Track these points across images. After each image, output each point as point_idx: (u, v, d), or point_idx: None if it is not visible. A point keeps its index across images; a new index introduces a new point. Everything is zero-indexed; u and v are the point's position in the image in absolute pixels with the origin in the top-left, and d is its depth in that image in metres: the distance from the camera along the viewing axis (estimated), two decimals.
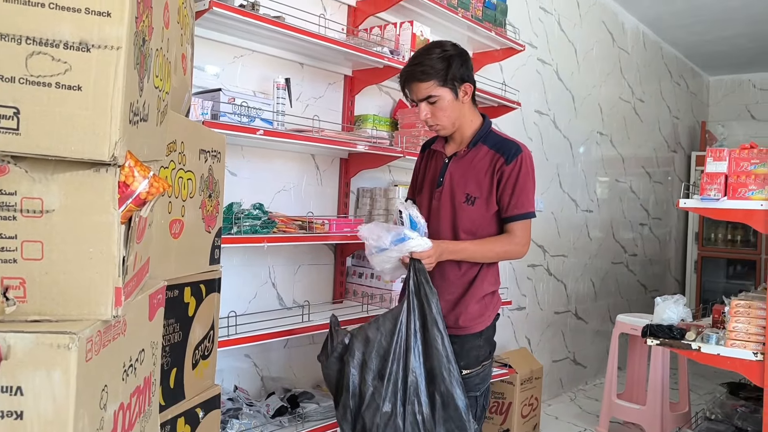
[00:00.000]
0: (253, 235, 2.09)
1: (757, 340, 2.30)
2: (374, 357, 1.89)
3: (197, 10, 1.91)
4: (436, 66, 1.97)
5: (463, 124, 2.08)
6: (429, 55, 1.99)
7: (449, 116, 2.03)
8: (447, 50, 2.01)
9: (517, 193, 2.01)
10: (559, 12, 4.42)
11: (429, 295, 1.90)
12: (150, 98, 1.03)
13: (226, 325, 2.05)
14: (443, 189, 2.08)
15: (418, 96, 2.02)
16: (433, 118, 2.03)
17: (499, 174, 2.01)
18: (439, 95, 1.99)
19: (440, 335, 1.88)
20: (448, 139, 2.15)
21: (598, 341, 5.11)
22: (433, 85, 1.98)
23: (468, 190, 2.04)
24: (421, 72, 1.98)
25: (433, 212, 2.10)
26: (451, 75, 1.98)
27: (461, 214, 2.04)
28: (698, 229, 6.82)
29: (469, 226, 2.04)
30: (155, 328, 1.21)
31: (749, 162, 2.32)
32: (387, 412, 1.86)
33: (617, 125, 5.36)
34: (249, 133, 2.06)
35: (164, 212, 1.35)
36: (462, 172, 2.07)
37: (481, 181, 2.03)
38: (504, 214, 2.03)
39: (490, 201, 2.03)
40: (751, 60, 6.62)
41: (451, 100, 2.01)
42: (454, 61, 1.99)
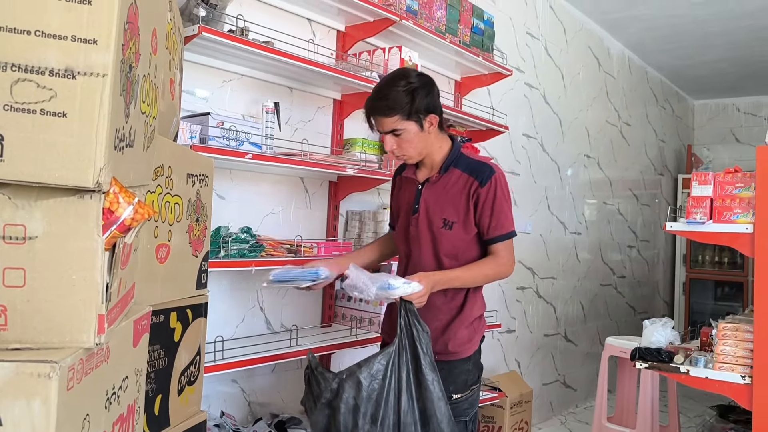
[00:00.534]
0: (241, 259, 2.08)
1: (745, 363, 2.30)
2: (366, 401, 1.84)
3: (186, 35, 1.92)
4: (400, 100, 1.95)
5: (431, 151, 2.08)
6: (394, 87, 1.97)
7: (415, 147, 2.03)
8: (412, 82, 1.98)
9: (496, 214, 2.01)
10: (545, 37, 4.49)
11: (420, 336, 1.88)
12: (136, 124, 1.03)
13: (213, 350, 2.03)
14: (419, 215, 2.08)
15: (383, 129, 2.01)
16: (399, 149, 2.03)
17: (475, 197, 2.02)
18: (403, 128, 1.98)
19: (432, 376, 1.86)
20: (419, 165, 2.14)
21: (588, 364, 5.10)
22: (398, 119, 1.96)
23: (444, 215, 2.04)
24: (385, 107, 1.96)
25: (412, 239, 2.10)
26: (416, 108, 1.96)
27: (440, 239, 2.04)
28: (686, 251, 6.87)
29: (450, 250, 2.04)
30: (140, 354, 1.20)
31: (734, 186, 2.34)
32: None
33: (604, 148, 5.42)
34: (237, 156, 2.06)
35: (150, 237, 1.35)
36: (436, 198, 2.07)
37: (457, 205, 2.03)
38: (486, 237, 2.04)
39: (468, 224, 2.03)
40: (733, 84, 6.74)
41: (416, 132, 2.00)
42: (419, 94, 1.97)
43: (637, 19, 4.96)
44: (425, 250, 2.07)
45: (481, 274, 2.04)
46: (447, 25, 3.04)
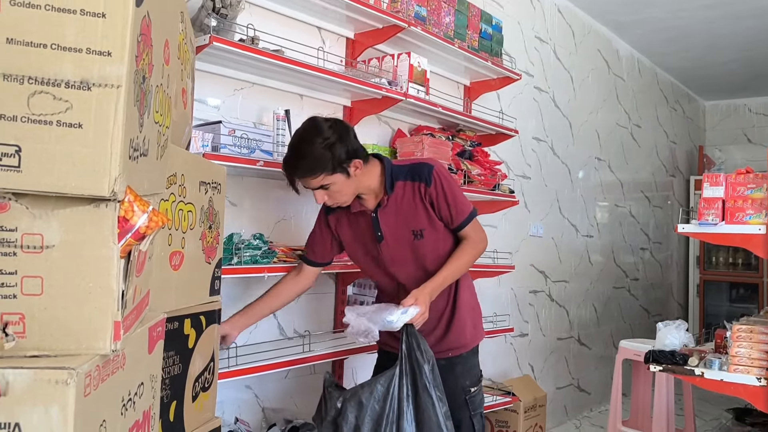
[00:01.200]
0: (254, 266, 2.10)
1: (760, 365, 2.28)
2: (367, 421, 1.89)
3: (198, 45, 1.94)
4: (321, 159, 1.94)
5: (366, 184, 2.08)
6: (311, 146, 1.95)
7: (345, 193, 2.03)
8: (328, 138, 1.96)
9: (452, 204, 2.07)
10: (554, 41, 4.49)
11: (421, 360, 1.92)
12: (150, 133, 1.04)
13: (227, 356, 2.04)
14: (386, 241, 2.10)
15: (309, 187, 2.01)
16: (331, 200, 2.03)
17: (428, 198, 2.07)
18: (331, 182, 1.98)
19: (431, 401, 1.90)
20: (360, 198, 2.12)
21: (602, 367, 5.07)
22: (324, 176, 1.96)
23: (411, 227, 2.08)
24: (307, 167, 1.95)
25: (387, 265, 2.13)
26: (338, 161, 1.96)
27: (417, 249, 2.09)
28: (699, 253, 6.82)
29: (430, 255, 2.10)
30: (155, 361, 1.22)
31: (746, 187, 2.33)
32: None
33: (615, 150, 5.40)
34: (249, 164, 2.08)
35: (164, 244, 1.36)
36: (395, 217, 2.09)
37: (417, 214, 2.08)
38: (452, 226, 2.11)
39: (435, 225, 2.09)
40: (744, 85, 6.70)
41: (343, 181, 2.00)
42: (336, 148, 1.95)
43: (645, 21, 4.94)
44: (408, 266, 2.12)
45: (463, 263, 2.11)
46: (455, 31, 3.05)
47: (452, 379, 2.11)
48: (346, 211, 2.17)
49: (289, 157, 2.01)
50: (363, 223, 2.14)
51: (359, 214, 2.14)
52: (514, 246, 3.99)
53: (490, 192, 3.18)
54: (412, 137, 2.97)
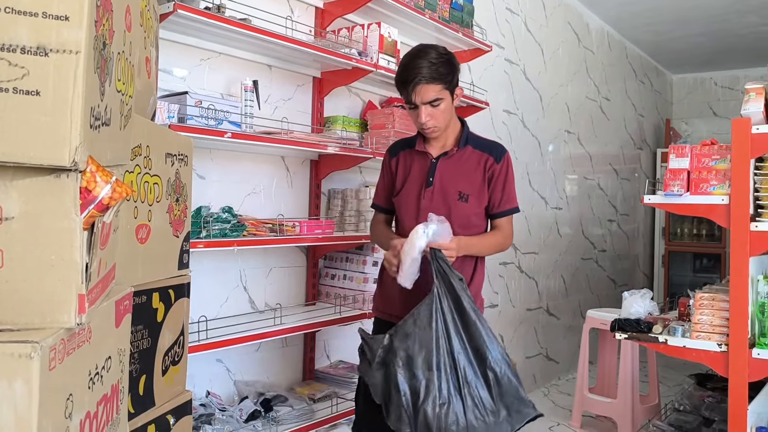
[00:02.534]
0: (223, 239, 2.08)
1: (721, 331, 2.35)
2: (418, 350, 1.85)
3: (162, 12, 1.89)
4: (441, 69, 2.02)
5: (450, 125, 2.15)
6: (429, 59, 2.02)
7: (446, 118, 2.10)
8: (445, 54, 2.05)
9: (507, 189, 2.15)
10: (525, 13, 4.48)
11: (454, 279, 1.91)
12: (112, 102, 1.02)
13: (197, 330, 2.03)
14: (434, 188, 2.13)
15: (424, 99, 2.03)
16: (433, 120, 2.07)
17: (491, 172, 2.12)
18: (443, 98, 2.05)
19: (475, 314, 1.89)
20: (428, 140, 2.18)
21: (570, 336, 5.18)
22: (441, 88, 2.03)
23: (460, 188, 2.12)
24: (429, 76, 2.01)
25: (422, 211, 2.13)
26: (455, 79, 2.07)
27: (455, 210, 2.11)
28: (665, 224, 6.96)
29: (462, 221, 2.11)
30: (122, 334, 1.20)
31: (710, 158, 2.37)
32: (444, 400, 1.81)
33: (584, 124, 5.44)
34: (216, 136, 2.04)
35: (130, 217, 1.34)
36: (452, 171, 2.14)
37: (473, 179, 2.12)
38: (493, 210, 2.16)
39: (482, 197, 2.13)
40: (711, 58, 6.78)
41: (449, 102, 2.08)
42: (455, 64, 2.07)
43: None
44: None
45: (493, 244, 2.16)
46: (426, 1, 3.02)
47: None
48: (407, 151, 2.22)
49: (408, 67, 2.03)
50: (419, 166, 2.19)
51: (420, 155, 2.19)
52: None
53: None
54: (383, 109, 2.95)
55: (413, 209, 2.15)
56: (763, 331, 2.28)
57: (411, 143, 2.22)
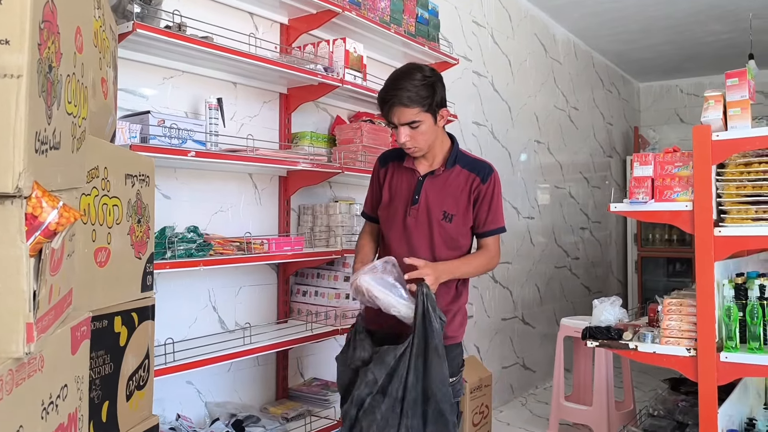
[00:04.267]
0: (188, 259, 2.05)
1: (690, 336, 2.38)
2: (385, 377, 1.94)
3: (120, 32, 1.87)
4: (421, 93, 2.01)
5: (436, 144, 2.15)
6: (411, 80, 2.02)
7: (427, 139, 2.10)
8: (429, 77, 2.05)
9: (492, 209, 2.14)
10: (491, 25, 4.53)
11: (434, 323, 1.94)
12: (61, 125, 1.00)
13: (164, 353, 1.99)
14: (419, 206, 2.13)
15: (401, 120, 2.04)
16: (412, 140, 2.07)
17: (476, 192, 2.12)
18: (421, 120, 2.04)
19: (439, 361, 1.94)
20: (417, 158, 2.18)
21: (546, 345, 5.20)
22: (418, 111, 2.02)
23: (445, 208, 2.12)
24: (407, 98, 2.01)
25: (408, 228, 2.14)
26: (435, 101, 2.05)
27: (439, 230, 2.11)
28: (636, 231, 7.05)
29: (446, 240, 2.12)
30: (80, 361, 1.17)
31: (673, 165, 2.41)
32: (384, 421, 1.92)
33: (554, 133, 5.51)
34: (180, 155, 2.02)
35: (87, 241, 1.31)
36: (438, 191, 2.14)
37: (458, 199, 2.12)
38: (479, 230, 2.16)
39: (467, 217, 2.13)
40: (676, 66, 6.92)
41: (430, 125, 2.07)
42: (437, 87, 2.06)
43: (580, 4, 5.04)
44: (421, 241, 2.13)
45: (477, 266, 2.16)
46: (391, 16, 3.04)
47: None
48: (398, 164, 2.22)
49: (388, 88, 2.05)
50: (407, 182, 2.19)
51: (407, 172, 2.19)
52: None
53: None
54: (351, 124, 2.96)
55: (399, 227, 2.16)
56: (730, 334, 2.31)
57: (402, 156, 2.22)
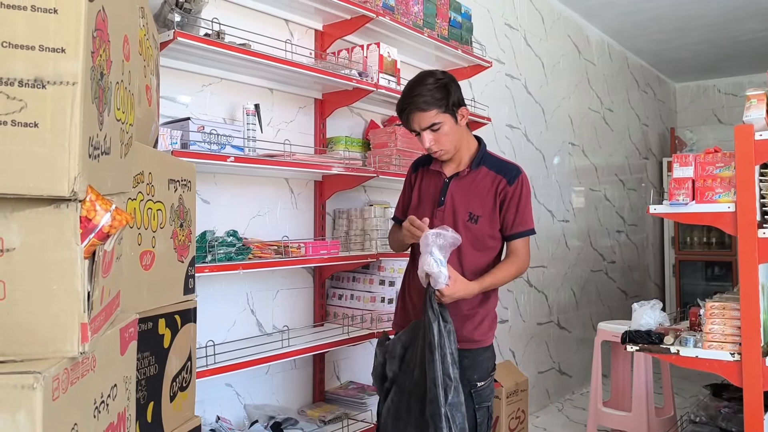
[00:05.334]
0: (228, 263, 2.08)
1: (734, 340, 2.33)
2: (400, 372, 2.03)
3: (162, 41, 1.92)
4: (435, 95, 2.03)
5: (462, 146, 2.16)
6: (425, 85, 2.05)
7: (452, 140, 2.11)
8: (441, 78, 2.07)
9: (520, 212, 2.12)
10: (524, 28, 4.50)
11: (431, 318, 1.93)
12: (111, 131, 1.03)
13: (204, 355, 2.02)
14: (445, 208, 2.14)
15: (421, 125, 2.07)
16: (437, 144, 2.09)
17: (503, 194, 2.11)
18: (441, 122, 2.06)
19: (432, 357, 1.91)
20: (444, 160, 2.19)
21: (583, 350, 5.13)
22: (436, 113, 2.04)
23: (471, 209, 2.12)
24: (423, 102, 2.03)
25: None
26: (451, 101, 2.06)
27: (465, 232, 2.10)
28: (674, 234, 6.92)
29: (473, 242, 2.12)
30: (128, 362, 1.20)
31: (714, 166, 2.36)
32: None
33: (588, 135, 5.44)
34: (219, 160, 2.06)
35: (134, 244, 1.34)
36: (464, 192, 2.14)
37: (484, 201, 2.12)
38: (508, 233, 2.14)
39: (493, 219, 2.12)
40: (713, 66, 6.78)
41: (452, 125, 2.08)
42: (451, 88, 2.07)
43: (614, 4, 4.98)
44: None
45: (505, 276, 2.13)
46: (424, 20, 3.04)
47: (459, 370, 2.12)
48: (427, 168, 2.24)
49: (404, 96, 2.09)
50: (433, 185, 2.21)
51: (434, 174, 2.21)
52: None
53: None
54: (385, 128, 2.97)
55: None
56: None
57: (431, 160, 2.24)
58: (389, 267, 2.80)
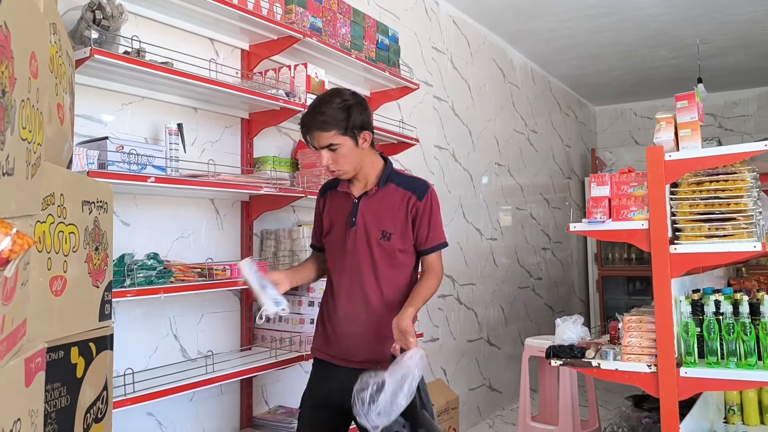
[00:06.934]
0: (149, 287, 2.01)
1: (650, 352, 2.42)
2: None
3: (78, 58, 1.85)
4: (336, 116, 2.03)
5: (365, 166, 2.16)
6: (330, 105, 2.05)
7: (350, 162, 2.10)
8: (347, 100, 2.07)
9: (432, 226, 2.15)
10: (451, 51, 4.61)
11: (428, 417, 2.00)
12: (15, 151, 0.98)
13: (123, 384, 1.94)
14: (357, 228, 2.14)
15: (319, 144, 2.07)
16: (334, 164, 2.09)
17: (414, 210, 2.13)
18: (339, 143, 2.05)
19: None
20: (351, 181, 2.20)
21: (512, 365, 5.23)
22: (334, 134, 2.04)
23: (383, 227, 2.13)
24: (322, 122, 2.03)
25: (350, 251, 2.15)
26: (351, 124, 2.05)
27: (378, 249, 2.12)
28: (596, 250, 7.19)
29: (387, 259, 2.13)
30: (34, 394, 1.13)
31: (629, 185, 2.47)
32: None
33: (514, 156, 5.61)
34: (139, 181, 2.00)
35: (43, 269, 1.28)
36: (374, 210, 2.14)
37: (396, 217, 2.13)
38: (422, 248, 2.16)
39: (406, 235, 2.14)
40: (629, 90, 7.15)
41: (351, 147, 2.08)
42: (354, 111, 2.06)
43: (536, 31, 5.18)
44: (363, 261, 2.13)
45: (432, 291, 2.15)
46: (352, 42, 3.07)
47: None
48: (334, 191, 2.24)
49: (308, 112, 2.08)
50: (343, 206, 2.20)
51: (344, 196, 2.20)
52: None
53: None
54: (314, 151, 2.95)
55: (341, 251, 2.17)
56: (688, 350, 2.36)
57: (337, 182, 2.24)
58: (318, 288, 2.77)
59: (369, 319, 2.12)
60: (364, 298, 2.12)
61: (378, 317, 2.11)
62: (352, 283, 2.13)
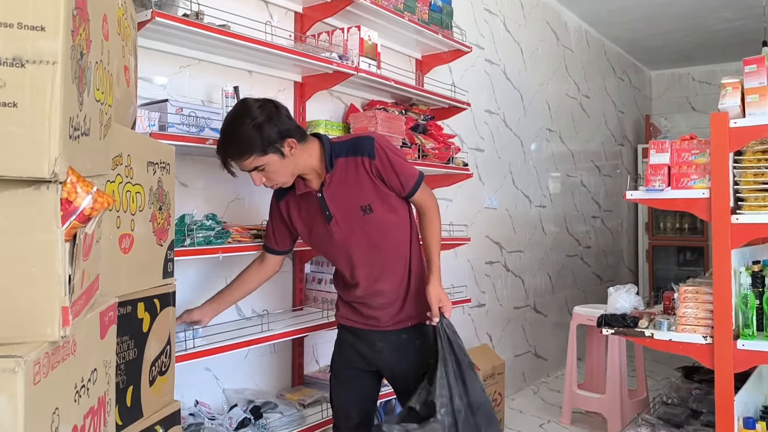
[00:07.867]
0: (208, 246, 2.06)
1: (706, 324, 2.38)
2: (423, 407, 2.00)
3: (139, 20, 1.88)
4: (250, 139, 1.91)
5: (305, 164, 2.06)
6: (239, 128, 1.92)
7: (283, 173, 2.02)
8: (256, 118, 1.92)
9: (399, 172, 2.08)
10: (504, 13, 4.50)
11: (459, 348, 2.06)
12: (91, 112, 1.01)
13: (184, 339, 2.01)
14: (336, 219, 2.09)
15: (244, 169, 2.00)
16: (269, 181, 2.03)
17: (374, 170, 2.06)
18: (264, 163, 1.96)
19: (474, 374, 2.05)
20: (303, 179, 2.11)
21: (558, 333, 5.21)
22: (255, 158, 1.94)
23: (359, 203, 2.07)
24: (237, 150, 1.94)
25: (341, 243, 2.11)
26: (268, 142, 1.93)
27: (367, 227, 2.09)
28: (648, 219, 7.03)
29: (380, 228, 2.10)
30: (107, 346, 1.19)
31: (690, 152, 2.40)
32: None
33: (565, 121, 5.48)
34: (198, 143, 2.03)
35: (113, 227, 1.32)
36: (341, 194, 2.08)
37: (364, 188, 2.07)
38: (404, 194, 2.12)
39: (383, 197, 2.09)
40: (687, 54, 6.86)
41: (277, 161, 1.97)
42: (265, 128, 1.92)
43: None
44: (360, 245, 2.11)
45: (438, 233, 2.18)
46: (405, 3, 3.02)
47: (413, 350, 2.14)
48: (293, 195, 2.15)
49: (220, 140, 1.99)
50: (311, 205, 2.13)
51: (306, 196, 2.13)
52: (469, 218, 4.04)
53: (444, 165, 3.20)
54: (365, 112, 2.95)
55: (333, 247, 2.14)
56: (746, 322, 2.31)
57: (292, 187, 2.13)
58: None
59: (391, 289, 2.13)
60: (378, 276, 2.12)
61: (398, 280, 2.14)
62: (359, 268, 2.12)
